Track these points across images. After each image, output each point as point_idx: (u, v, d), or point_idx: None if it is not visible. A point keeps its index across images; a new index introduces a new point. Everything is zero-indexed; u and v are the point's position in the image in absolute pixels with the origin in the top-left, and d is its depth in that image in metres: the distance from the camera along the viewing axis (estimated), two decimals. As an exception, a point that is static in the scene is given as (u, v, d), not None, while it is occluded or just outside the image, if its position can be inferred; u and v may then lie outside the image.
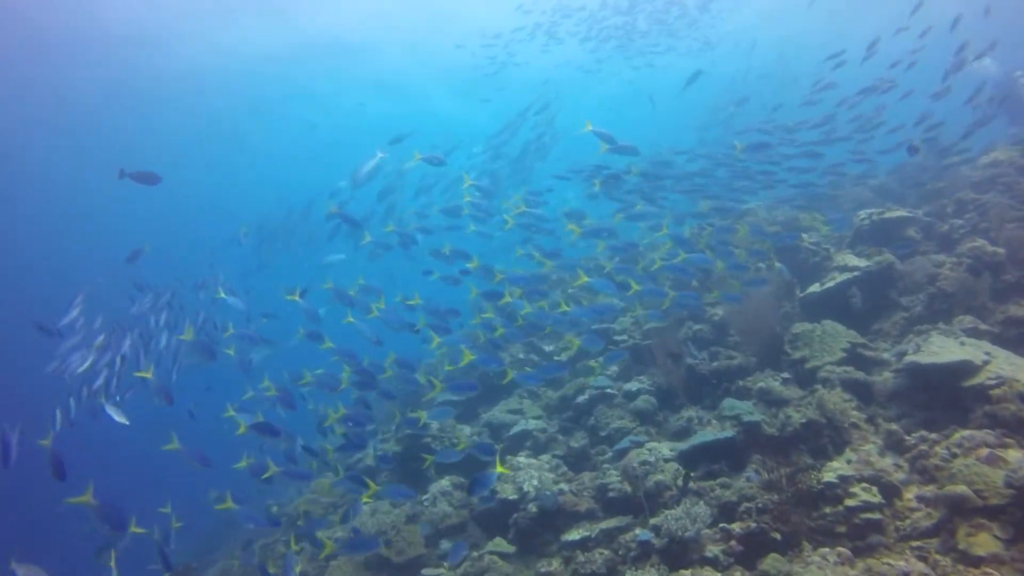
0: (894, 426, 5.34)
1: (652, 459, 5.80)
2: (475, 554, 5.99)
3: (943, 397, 5.44)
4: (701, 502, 4.92)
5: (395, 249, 7.80)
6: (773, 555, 4.23)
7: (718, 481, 5.46)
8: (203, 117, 25.67)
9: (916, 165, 10.99)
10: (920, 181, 10.48)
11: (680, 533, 4.67)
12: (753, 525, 4.63)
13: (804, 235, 8.97)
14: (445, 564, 5.92)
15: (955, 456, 4.73)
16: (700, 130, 17.15)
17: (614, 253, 7.83)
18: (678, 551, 4.75)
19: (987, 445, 4.70)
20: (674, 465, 5.76)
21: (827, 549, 4.24)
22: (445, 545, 6.35)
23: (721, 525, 4.81)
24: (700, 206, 8.16)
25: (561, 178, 8.38)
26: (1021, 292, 6.59)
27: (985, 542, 3.89)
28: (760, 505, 4.78)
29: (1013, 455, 4.50)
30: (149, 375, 5.95)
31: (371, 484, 5.43)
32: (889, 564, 3.97)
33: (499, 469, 5.64)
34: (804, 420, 5.53)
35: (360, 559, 6.26)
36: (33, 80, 20.40)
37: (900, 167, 11.20)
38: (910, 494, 4.68)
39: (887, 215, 7.96)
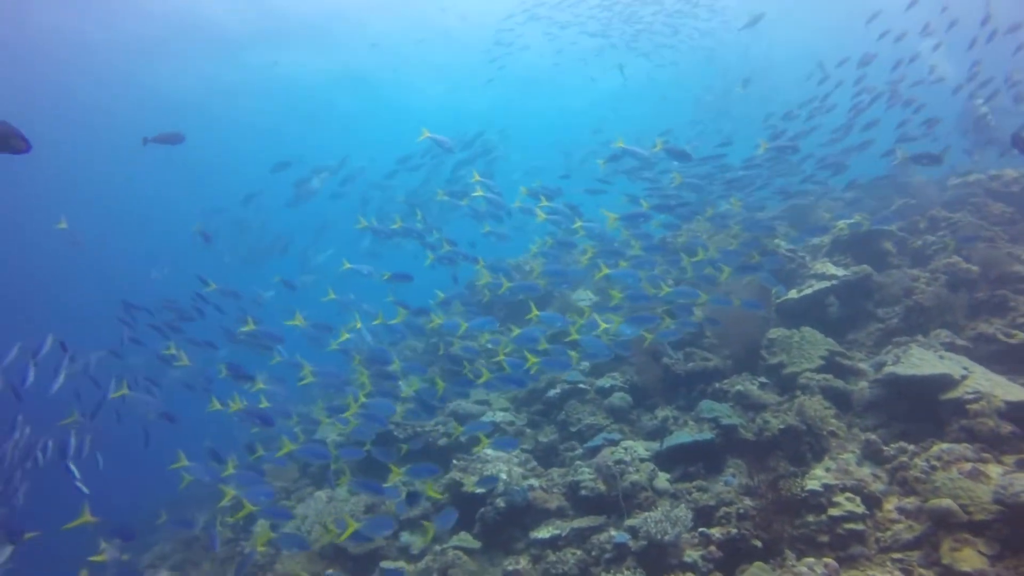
0: (872, 436, 5.31)
1: (628, 458, 5.63)
2: (438, 548, 5.71)
3: (920, 409, 5.44)
4: (682, 505, 4.76)
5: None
6: (758, 563, 4.11)
7: (694, 484, 5.33)
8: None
9: (887, 180, 11.18)
10: (889, 196, 10.68)
11: (659, 536, 4.50)
12: (734, 531, 4.51)
13: (780, 241, 9.01)
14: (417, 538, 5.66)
15: (934, 469, 4.71)
16: (694, 124, 17.18)
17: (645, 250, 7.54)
18: (656, 555, 4.58)
19: (966, 459, 4.70)
20: (650, 465, 5.60)
21: (812, 559, 4.13)
22: (406, 537, 6.05)
23: (700, 529, 4.67)
24: (732, 204, 8.05)
25: (602, 181, 8.44)
26: (991, 310, 6.69)
27: (970, 558, 3.84)
28: (741, 510, 4.66)
29: (994, 470, 4.50)
30: (125, 390, 5.67)
31: (395, 469, 5.35)
32: (876, 577, 3.90)
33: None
34: (783, 426, 5.46)
35: (316, 550, 5.91)
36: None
37: (873, 181, 11.36)
38: (890, 505, 4.64)
39: (866, 227, 8.01)
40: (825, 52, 13.56)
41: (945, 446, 4.86)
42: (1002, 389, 5.18)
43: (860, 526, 4.37)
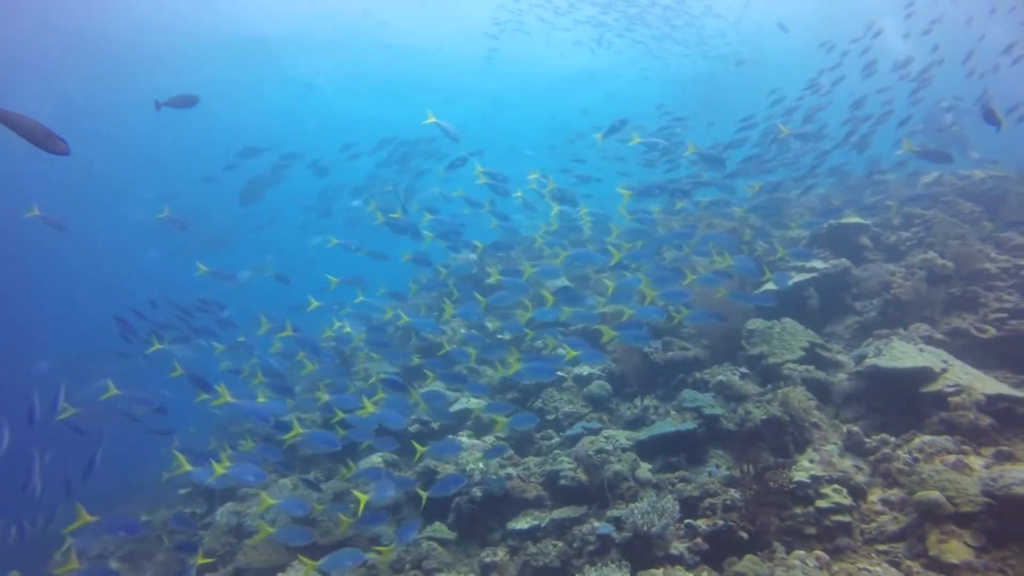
0: (854, 427, 5.29)
1: (609, 447, 5.49)
2: (410, 538, 5.49)
3: (900, 401, 5.45)
4: (669, 496, 4.64)
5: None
6: (750, 556, 4.01)
7: (677, 474, 5.23)
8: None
9: (859, 178, 11.35)
10: (860, 193, 10.83)
11: (646, 528, 4.37)
12: (720, 522, 4.41)
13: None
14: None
15: (917, 460, 4.71)
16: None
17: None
18: (640, 547, 4.46)
19: (947, 451, 4.71)
20: (631, 455, 5.48)
21: (803, 552, 4.07)
22: (378, 528, 5.80)
23: (686, 521, 4.56)
24: (752, 191, 8.01)
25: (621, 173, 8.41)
26: (964, 305, 6.77)
27: (957, 550, 3.82)
28: (727, 502, 4.57)
29: (976, 462, 4.52)
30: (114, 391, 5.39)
31: (419, 448, 5.38)
32: (866, 570, 3.84)
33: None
34: (765, 416, 5.39)
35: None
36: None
37: (843, 178, 11.49)
38: (874, 497, 4.61)
39: (844, 220, 8.04)
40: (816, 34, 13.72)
41: (927, 438, 4.87)
42: (980, 382, 5.22)
43: (847, 518, 4.33)
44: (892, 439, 5.05)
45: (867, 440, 5.15)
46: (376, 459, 6.81)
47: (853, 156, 9.94)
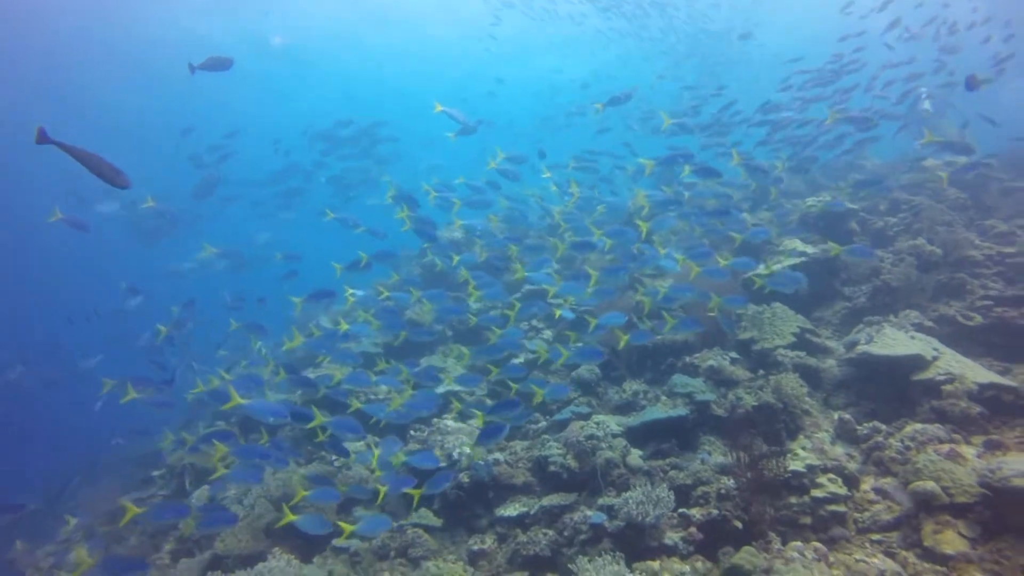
0: (845, 415, 5.26)
1: (600, 433, 5.39)
2: (395, 525, 5.36)
3: (890, 389, 5.43)
4: (663, 485, 4.56)
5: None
6: (747, 548, 3.95)
7: (668, 461, 5.16)
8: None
9: (844, 163, 11.32)
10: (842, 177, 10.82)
11: (640, 519, 4.29)
12: (715, 512, 4.35)
13: (746, 215, 8.93)
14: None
15: (909, 449, 4.69)
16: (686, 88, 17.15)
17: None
18: (634, 536, 4.38)
19: (939, 440, 4.70)
20: (622, 441, 5.39)
21: (800, 543, 4.02)
22: (359, 512, 5.66)
23: (680, 510, 4.49)
24: (776, 166, 7.90)
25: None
26: (951, 292, 6.78)
27: (952, 540, 3.80)
28: (721, 490, 4.51)
29: (968, 451, 4.51)
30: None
31: (480, 415, 5.19)
32: (864, 561, 3.81)
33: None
34: (757, 403, 5.34)
35: (260, 525, 5.44)
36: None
37: (828, 163, 11.45)
38: (866, 485, 4.59)
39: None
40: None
41: (918, 426, 4.85)
42: (971, 371, 5.22)
43: (842, 508, 4.30)
44: (884, 427, 5.02)
45: (859, 428, 5.12)
46: (359, 444, 6.64)
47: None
